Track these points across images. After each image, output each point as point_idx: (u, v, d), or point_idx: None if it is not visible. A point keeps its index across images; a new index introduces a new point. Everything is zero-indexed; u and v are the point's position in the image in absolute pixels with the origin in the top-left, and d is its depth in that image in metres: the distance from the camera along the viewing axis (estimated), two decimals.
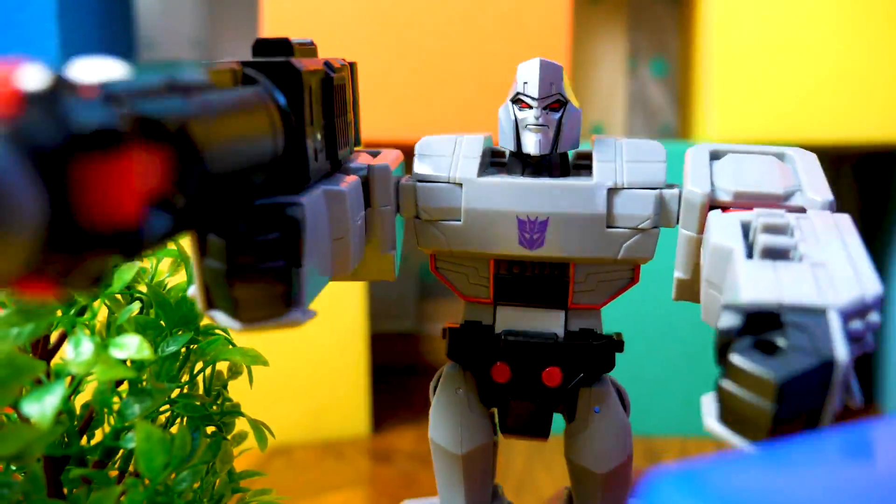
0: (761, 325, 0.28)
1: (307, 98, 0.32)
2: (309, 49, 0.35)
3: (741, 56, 1.08)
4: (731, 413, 0.27)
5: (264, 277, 0.29)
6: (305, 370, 1.11)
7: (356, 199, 0.38)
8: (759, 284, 0.30)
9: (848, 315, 0.29)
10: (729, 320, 0.28)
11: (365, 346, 1.13)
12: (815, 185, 0.39)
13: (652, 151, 0.43)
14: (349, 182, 0.37)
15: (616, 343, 0.46)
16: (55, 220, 0.18)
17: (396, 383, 1.36)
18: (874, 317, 0.29)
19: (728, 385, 0.27)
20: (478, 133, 0.47)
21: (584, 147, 0.46)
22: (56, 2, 1.03)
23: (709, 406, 0.29)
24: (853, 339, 0.29)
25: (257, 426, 0.43)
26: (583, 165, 0.46)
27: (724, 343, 0.28)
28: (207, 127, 0.24)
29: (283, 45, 0.33)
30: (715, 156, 0.42)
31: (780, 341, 0.27)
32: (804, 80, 1.07)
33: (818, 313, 0.28)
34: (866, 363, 1.31)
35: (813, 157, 0.42)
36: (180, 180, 0.22)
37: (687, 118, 1.32)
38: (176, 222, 0.23)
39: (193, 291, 0.31)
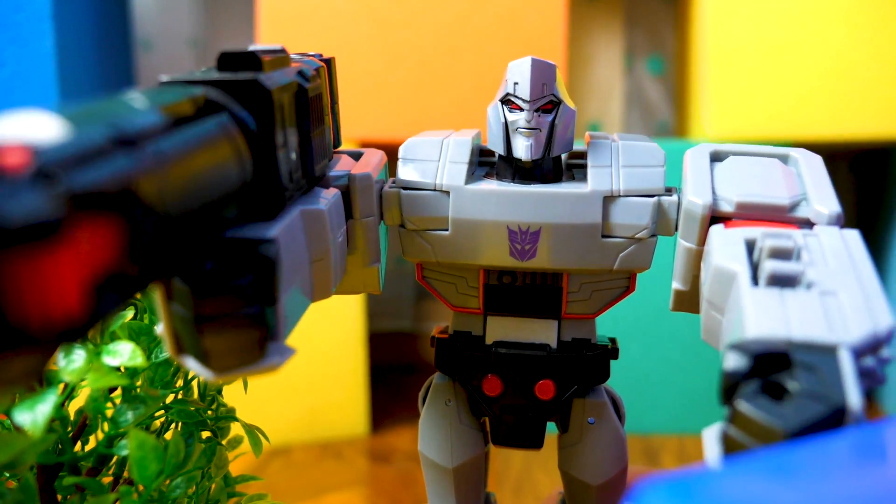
0: (769, 365, 0.27)
1: (279, 118, 0.30)
2: (280, 58, 0.32)
3: (737, 53, 1.07)
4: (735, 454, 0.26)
5: (236, 325, 0.27)
6: (303, 370, 1.11)
7: (336, 216, 0.36)
8: (766, 319, 0.29)
9: (860, 352, 0.27)
10: (735, 362, 0.27)
11: (363, 345, 1.13)
12: (821, 195, 0.37)
13: (650, 155, 0.41)
14: (328, 198, 0.35)
15: (611, 351, 0.45)
16: None
17: (395, 383, 1.36)
18: (886, 352, 0.28)
19: (734, 433, 0.26)
20: (467, 130, 0.45)
21: (578, 145, 0.44)
22: (51, 2, 1.03)
23: (711, 445, 0.27)
24: (864, 374, 0.28)
25: (252, 432, 0.43)
26: (577, 165, 0.44)
27: (730, 385, 0.27)
28: (161, 179, 0.22)
29: (249, 59, 0.30)
30: (716, 157, 0.41)
31: (790, 384, 0.26)
32: (800, 77, 1.06)
33: (829, 352, 0.27)
34: None
35: (818, 159, 0.40)
36: (132, 247, 0.20)
37: (683, 116, 1.32)
38: (129, 291, 0.21)
39: (162, 331, 0.29)
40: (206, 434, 0.43)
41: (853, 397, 0.25)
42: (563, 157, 0.44)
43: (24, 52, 1.03)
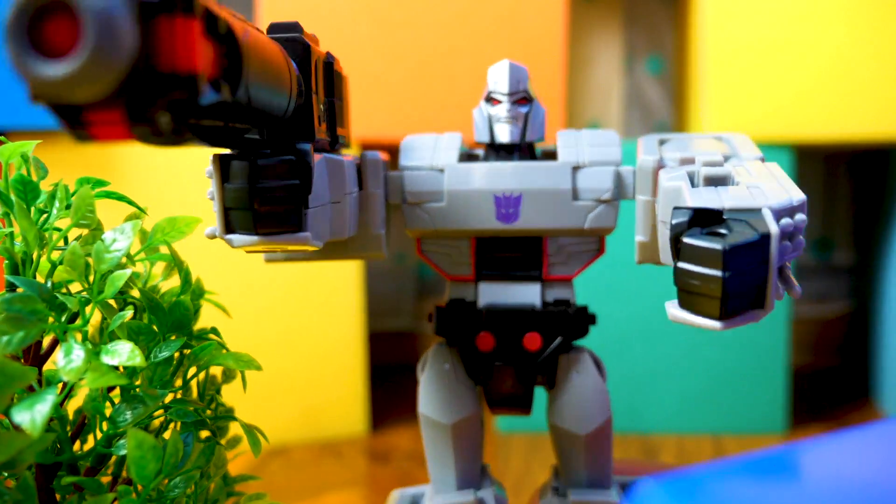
0: (707, 220, 0.34)
1: (314, 70, 0.36)
2: (313, 39, 0.38)
3: (736, 54, 1.07)
4: (688, 295, 0.32)
5: (284, 190, 0.34)
6: (303, 369, 1.11)
7: (352, 174, 0.43)
8: (702, 197, 0.35)
9: (779, 213, 0.34)
10: (679, 216, 0.34)
11: (363, 344, 1.13)
12: (747, 150, 0.45)
13: (607, 138, 0.48)
14: (346, 158, 0.41)
15: (588, 314, 0.50)
16: (139, 57, 0.22)
17: (394, 382, 1.36)
18: (800, 216, 0.35)
19: (683, 264, 0.32)
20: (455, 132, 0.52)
21: (549, 147, 0.51)
22: None
23: (670, 303, 0.34)
24: (785, 236, 0.34)
25: (251, 431, 0.43)
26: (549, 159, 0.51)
27: (677, 235, 0.33)
28: (249, 46, 0.28)
29: (293, 27, 0.37)
30: (662, 142, 0.48)
31: (723, 230, 0.32)
32: (799, 77, 1.07)
33: (754, 211, 0.33)
34: (863, 361, 1.32)
35: (746, 136, 0.47)
36: (227, 74, 0.26)
37: (683, 116, 1.32)
38: (220, 110, 0.26)
39: (210, 230, 0.36)
40: (204, 434, 0.43)
41: (773, 227, 0.32)
42: (538, 153, 0.51)
43: None
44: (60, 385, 0.36)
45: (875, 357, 1.26)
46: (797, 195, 0.36)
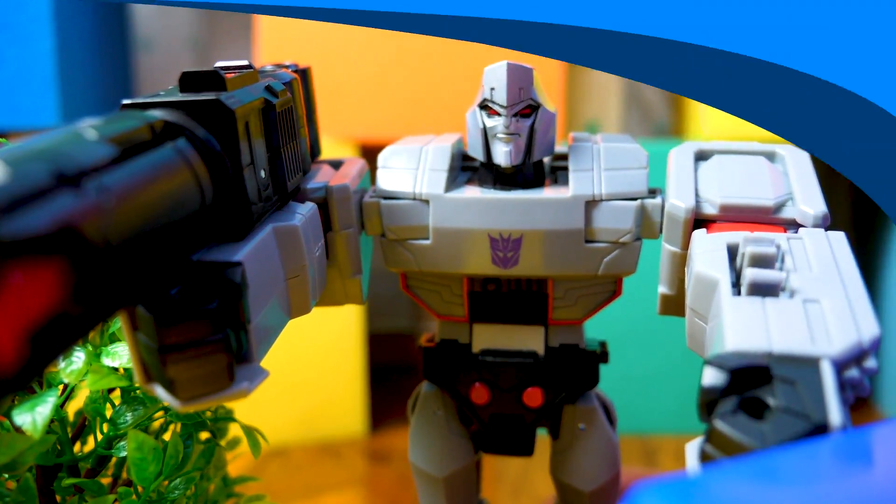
0: (748, 379, 0.26)
1: (244, 136, 0.30)
2: (246, 75, 0.32)
3: None
4: None
5: (201, 353, 0.26)
6: (302, 370, 1.11)
7: (312, 231, 0.36)
8: (745, 331, 0.28)
9: (844, 364, 0.26)
10: (713, 378, 0.26)
11: (362, 345, 1.13)
12: (807, 195, 0.36)
13: (632, 157, 0.40)
14: (303, 212, 0.35)
15: (599, 356, 0.44)
16: None
17: (394, 383, 1.36)
18: (871, 362, 0.27)
19: (711, 451, 0.25)
20: (449, 135, 0.44)
21: (562, 148, 0.43)
22: (51, 2, 1.03)
23: (692, 462, 0.26)
24: (849, 385, 0.27)
25: (250, 432, 0.43)
26: (560, 167, 0.43)
27: (709, 400, 0.26)
28: (106, 215, 0.21)
29: (212, 78, 0.29)
30: (701, 156, 0.40)
31: (770, 400, 0.25)
32: None
33: (810, 364, 0.26)
34: None
35: (805, 156, 0.39)
36: (76, 287, 0.19)
37: (682, 116, 1.32)
38: (72, 334, 0.20)
39: (130, 359, 0.28)
40: (204, 435, 0.43)
41: (834, 414, 0.24)
42: (546, 159, 0.43)
43: (24, 52, 1.03)
44: (61, 387, 0.36)
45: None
46: (868, 329, 0.27)
